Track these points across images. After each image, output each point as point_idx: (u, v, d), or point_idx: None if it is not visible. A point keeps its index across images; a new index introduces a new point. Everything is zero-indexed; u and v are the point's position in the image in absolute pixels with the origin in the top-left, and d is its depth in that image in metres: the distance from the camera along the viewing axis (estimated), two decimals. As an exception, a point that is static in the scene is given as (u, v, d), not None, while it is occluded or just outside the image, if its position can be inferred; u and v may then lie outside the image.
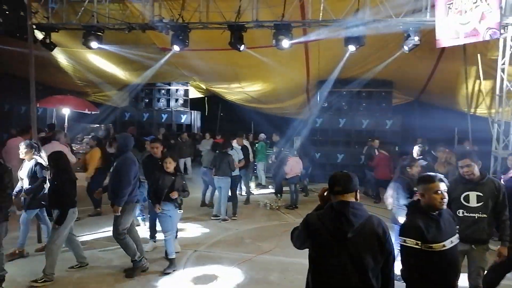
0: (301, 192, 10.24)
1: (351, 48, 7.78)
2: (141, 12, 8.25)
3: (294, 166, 9.13)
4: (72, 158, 7.90)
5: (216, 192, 8.25)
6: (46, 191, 5.23)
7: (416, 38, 7.42)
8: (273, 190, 10.35)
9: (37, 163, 5.32)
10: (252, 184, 10.34)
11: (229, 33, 7.81)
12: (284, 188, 9.65)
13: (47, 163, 5.18)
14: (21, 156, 5.39)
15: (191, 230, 7.21)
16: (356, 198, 2.49)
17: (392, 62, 9.75)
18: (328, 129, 12.88)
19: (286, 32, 7.55)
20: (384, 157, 9.74)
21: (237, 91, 13.69)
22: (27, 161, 5.44)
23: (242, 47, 7.92)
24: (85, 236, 6.51)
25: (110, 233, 5.25)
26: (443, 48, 8.23)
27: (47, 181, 5.28)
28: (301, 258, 5.77)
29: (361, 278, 2.34)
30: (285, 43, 7.61)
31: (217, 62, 10.82)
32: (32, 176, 5.29)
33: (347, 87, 12.26)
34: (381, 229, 2.40)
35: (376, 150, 10.01)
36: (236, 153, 8.30)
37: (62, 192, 4.76)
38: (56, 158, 4.93)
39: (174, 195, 5.20)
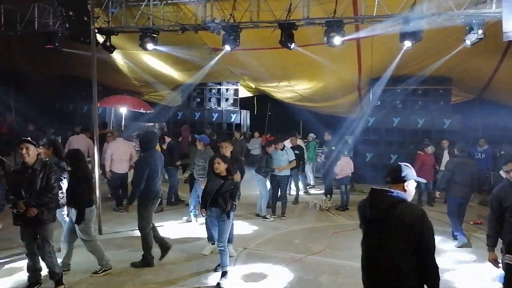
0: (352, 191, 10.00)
1: (407, 44, 7.43)
2: (193, 13, 8.45)
3: (345, 166, 8.90)
4: (134, 154, 8.33)
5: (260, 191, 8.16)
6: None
7: (480, 32, 6.92)
8: (322, 191, 10.21)
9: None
10: (301, 185, 10.22)
11: (279, 31, 7.78)
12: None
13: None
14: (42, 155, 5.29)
15: (241, 227, 7.27)
16: (404, 189, 2.62)
17: (452, 58, 9.19)
18: (381, 128, 12.43)
19: (338, 29, 7.37)
20: (428, 159, 9.16)
21: (286, 90, 13.63)
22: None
23: (292, 45, 7.86)
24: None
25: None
26: (510, 42, 7.61)
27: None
28: (352, 261, 5.70)
29: (388, 259, 2.49)
30: (337, 40, 7.43)
31: (267, 61, 10.84)
32: None
33: (401, 84, 11.75)
34: (412, 217, 2.46)
35: (446, 152, 9.46)
36: (286, 154, 8.16)
37: (77, 191, 4.70)
38: (70, 156, 4.88)
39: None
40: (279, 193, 8.20)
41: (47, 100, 16.45)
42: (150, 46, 8.62)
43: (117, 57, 12.03)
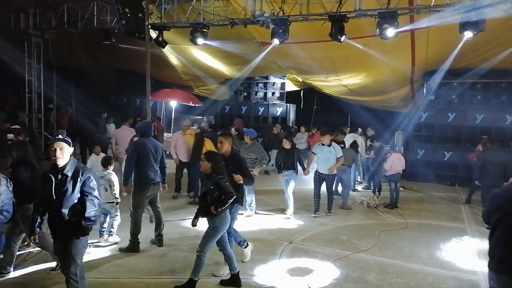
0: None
1: (468, 34, 6.99)
2: (243, 8, 8.50)
3: (395, 163, 8.59)
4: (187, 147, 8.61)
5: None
6: None
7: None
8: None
9: None
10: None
11: (329, 24, 7.62)
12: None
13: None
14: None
15: (287, 222, 7.28)
16: None
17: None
18: (435, 124, 11.82)
19: (392, 20, 7.08)
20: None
21: (334, 84, 13.35)
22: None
23: (343, 38, 7.67)
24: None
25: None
26: None
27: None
28: (402, 261, 5.53)
29: None
30: (390, 32, 7.14)
31: (315, 54, 10.68)
32: None
33: (459, 78, 11.09)
34: None
35: None
36: (333, 150, 7.58)
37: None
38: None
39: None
40: (325, 190, 7.81)
41: (104, 93, 17.37)
42: (200, 40, 8.80)
43: (168, 52, 12.41)
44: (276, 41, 8.19)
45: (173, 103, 14.46)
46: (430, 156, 11.69)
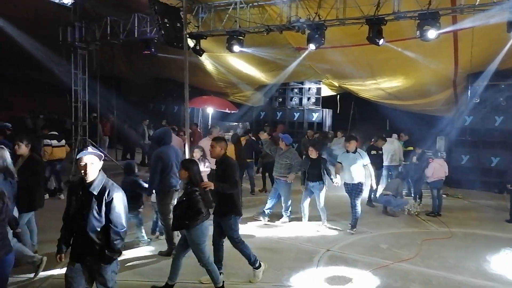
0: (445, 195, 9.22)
1: (516, 33, 6.63)
2: (278, 14, 8.54)
3: (437, 169, 8.26)
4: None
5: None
6: None
7: None
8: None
9: None
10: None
11: (366, 27, 7.49)
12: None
13: None
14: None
15: (324, 229, 7.16)
16: None
17: None
18: (481, 128, 11.25)
19: (433, 22, 6.85)
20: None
21: (372, 88, 13.08)
22: None
23: (381, 41, 7.50)
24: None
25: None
26: None
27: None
28: (446, 272, 5.28)
29: None
30: (432, 33, 6.90)
31: (352, 58, 10.52)
32: None
33: (507, 80, 10.51)
34: None
35: None
36: (359, 157, 6.95)
37: None
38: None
39: None
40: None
41: (143, 101, 17.97)
42: (236, 48, 8.91)
43: (204, 59, 12.67)
44: (312, 46, 8.14)
45: (210, 110, 14.71)
46: (475, 162, 11.14)
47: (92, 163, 3.16)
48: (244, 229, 6.92)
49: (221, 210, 4.61)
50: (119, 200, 3.22)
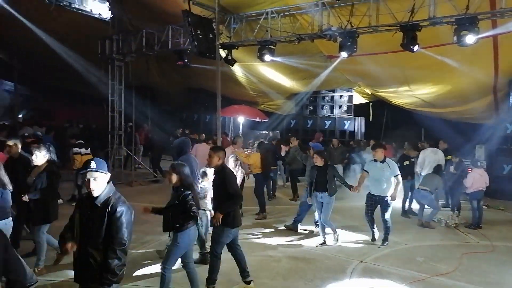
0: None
1: (562, 36, 6.29)
2: (309, 23, 8.54)
3: (477, 179, 7.90)
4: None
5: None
6: None
7: None
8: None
9: None
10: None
11: (400, 34, 7.34)
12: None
13: None
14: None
15: (356, 239, 7.01)
16: None
17: None
18: (524, 136, 10.70)
19: (471, 27, 6.61)
20: None
21: (406, 95, 12.75)
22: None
23: (416, 48, 7.32)
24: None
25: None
26: None
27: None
28: (487, 287, 5.00)
29: None
30: (470, 39, 6.66)
31: (385, 65, 10.32)
32: None
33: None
34: None
35: None
36: (387, 167, 6.49)
37: None
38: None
39: None
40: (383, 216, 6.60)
41: (176, 110, 18.42)
42: (267, 57, 8.98)
43: (236, 69, 12.83)
44: (344, 54, 8.06)
45: (241, 119, 14.84)
46: (518, 172, 10.58)
47: (95, 178, 3.02)
48: (273, 238, 6.90)
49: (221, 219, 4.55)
50: (122, 214, 2.98)
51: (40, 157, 5.01)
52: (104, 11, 7.06)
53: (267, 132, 15.99)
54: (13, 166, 5.18)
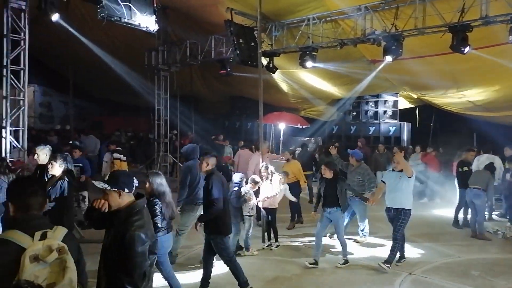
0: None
1: None
2: (352, 28, 8.40)
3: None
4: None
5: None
6: None
7: None
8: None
9: None
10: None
11: (449, 35, 7.03)
12: None
13: None
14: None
15: (406, 250, 6.69)
16: None
17: None
18: None
19: (528, 24, 6.21)
20: None
21: (456, 99, 12.13)
22: None
23: (466, 49, 6.97)
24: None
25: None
26: None
27: None
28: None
29: None
30: (527, 37, 6.26)
31: (433, 68, 9.92)
32: None
33: None
34: None
35: None
36: (405, 177, 5.70)
37: None
38: None
39: None
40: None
41: (218, 118, 18.77)
42: (309, 64, 8.93)
43: (277, 76, 12.87)
44: (389, 58, 7.84)
45: (282, 126, 14.82)
46: None
47: (107, 195, 2.67)
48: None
49: (209, 228, 4.62)
50: (138, 236, 2.49)
51: (56, 166, 4.93)
52: (151, 24, 7.34)
53: (308, 138, 15.84)
54: (41, 173, 5.31)
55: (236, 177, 6.14)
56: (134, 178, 2.75)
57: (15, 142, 7.16)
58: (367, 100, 15.40)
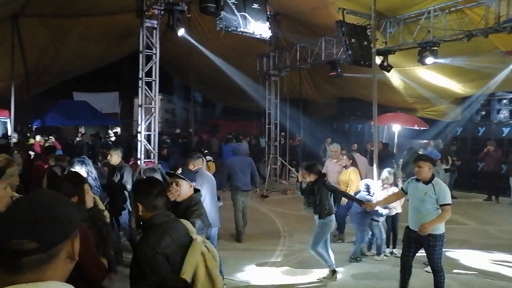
0: None
1: None
2: (482, 16, 7.44)
3: None
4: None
5: None
6: None
7: None
8: None
9: None
10: None
11: None
12: None
13: None
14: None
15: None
16: None
17: None
18: None
19: None
20: None
21: None
22: None
23: None
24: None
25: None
26: None
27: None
28: None
29: None
30: None
31: None
32: None
33: None
34: None
35: None
36: (433, 191, 4.25)
37: None
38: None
39: None
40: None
41: (327, 120, 18.50)
42: (429, 60, 8.21)
43: (391, 75, 12.12)
44: (530, 48, 6.74)
45: (396, 127, 13.90)
46: None
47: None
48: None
49: None
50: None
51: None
52: (264, 31, 7.59)
53: (427, 141, 14.56)
54: (113, 173, 5.77)
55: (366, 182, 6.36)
56: None
57: (148, 144, 8.10)
58: (499, 97, 13.48)
